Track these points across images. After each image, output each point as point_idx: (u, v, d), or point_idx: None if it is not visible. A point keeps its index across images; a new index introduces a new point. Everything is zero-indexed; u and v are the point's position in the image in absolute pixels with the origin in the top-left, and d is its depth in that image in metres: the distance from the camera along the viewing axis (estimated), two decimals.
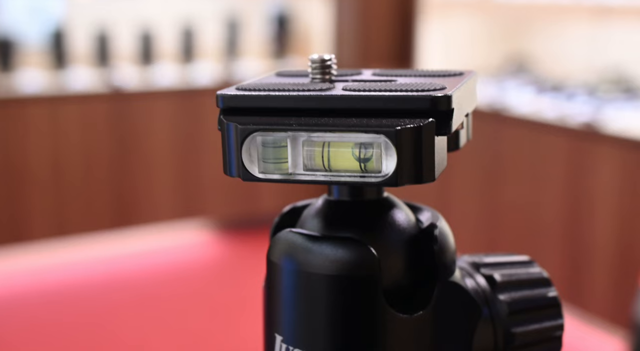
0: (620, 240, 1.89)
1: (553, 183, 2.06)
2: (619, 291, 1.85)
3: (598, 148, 1.95)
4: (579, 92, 2.24)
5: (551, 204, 2.06)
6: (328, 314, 0.30)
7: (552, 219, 2.06)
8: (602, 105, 2.09)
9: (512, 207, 2.16)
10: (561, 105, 2.15)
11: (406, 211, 0.33)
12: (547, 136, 2.08)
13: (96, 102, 2.46)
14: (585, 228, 1.97)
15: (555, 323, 0.34)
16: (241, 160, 0.30)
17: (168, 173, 2.59)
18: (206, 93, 2.63)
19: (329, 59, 0.33)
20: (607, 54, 2.41)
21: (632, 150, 1.88)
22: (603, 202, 1.93)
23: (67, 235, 2.45)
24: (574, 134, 2.02)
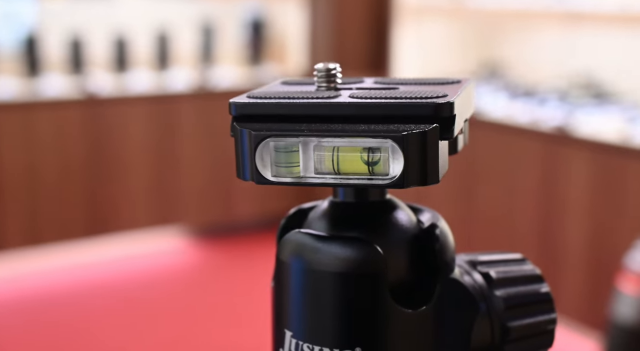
0: (593, 241, 1.93)
1: (526, 186, 2.10)
2: (592, 293, 1.88)
3: (570, 152, 1.99)
4: (550, 97, 2.28)
5: (525, 206, 2.10)
6: (337, 310, 0.32)
7: (525, 221, 2.10)
8: (573, 109, 2.14)
9: (486, 210, 2.19)
10: (533, 109, 2.19)
11: (408, 212, 0.35)
12: (520, 140, 2.12)
13: (70, 108, 2.45)
14: (558, 229, 2.01)
15: (548, 317, 0.36)
16: (255, 164, 0.31)
17: (143, 180, 2.58)
18: (181, 99, 2.63)
19: (334, 68, 0.34)
20: (577, 59, 2.45)
21: (603, 153, 1.92)
22: (575, 204, 1.97)
23: (41, 243, 2.43)
24: (547, 138, 2.06)
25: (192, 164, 2.66)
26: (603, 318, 1.34)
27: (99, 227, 2.52)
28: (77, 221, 2.48)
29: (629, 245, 1.50)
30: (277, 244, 0.35)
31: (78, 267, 2.49)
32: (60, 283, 2.37)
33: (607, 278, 1.80)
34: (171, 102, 2.62)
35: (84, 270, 2.47)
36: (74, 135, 2.46)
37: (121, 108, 2.53)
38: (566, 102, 2.23)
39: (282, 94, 0.32)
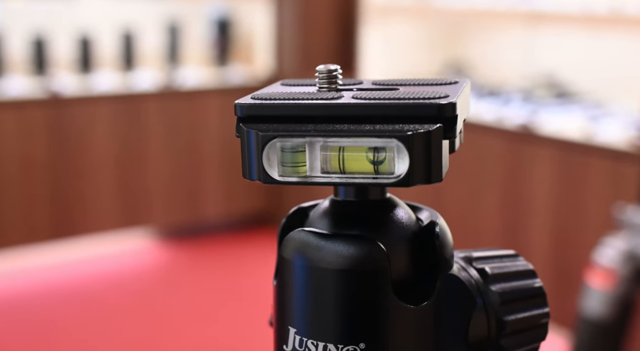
0: (558, 237, 1.97)
1: (491, 184, 2.13)
2: (559, 289, 1.92)
3: (534, 149, 2.03)
4: (515, 97, 2.32)
5: (490, 204, 2.13)
6: (340, 306, 0.33)
7: (491, 218, 2.13)
8: (537, 108, 2.18)
9: (452, 207, 2.22)
10: (498, 109, 2.23)
11: (408, 210, 0.36)
12: (485, 138, 2.15)
13: (34, 108, 2.42)
14: (523, 226, 2.04)
15: (541, 311, 0.37)
16: (262, 164, 0.32)
17: (109, 181, 2.55)
18: (147, 99, 2.61)
19: (335, 69, 0.35)
20: (540, 59, 2.50)
21: (566, 151, 1.96)
22: (540, 200, 2.01)
23: (6, 245, 2.40)
24: (511, 136, 2.10)
25: (158, 165, 2.64)
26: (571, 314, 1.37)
27: (65, 228, 2.49)
28: (42, 223, 2.44)
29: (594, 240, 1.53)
30: (279, 243, 0.36)
31: (43, 270, 2.46)
32: (26, 286, 2.33)
33: (573, 274, 1.83)
34: (137, 101, 2.60)
35: (50, 273, 2.44)
36: (38, 136, 2.42)
37: (86, 108, 2.50)
38: (530, 101, 2.27)
39: (286, 95, 0.33)
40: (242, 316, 2.15)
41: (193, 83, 2.72)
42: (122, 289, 2.35)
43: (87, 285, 2.36)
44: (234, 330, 2.07)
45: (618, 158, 1.84)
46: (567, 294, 1.81)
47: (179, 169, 2.68)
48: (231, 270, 2.52)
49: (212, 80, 2.77)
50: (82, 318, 2.12)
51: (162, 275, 2.53)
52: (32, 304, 2.20)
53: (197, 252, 2.68)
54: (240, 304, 2.24)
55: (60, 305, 2.20)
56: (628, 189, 1.76)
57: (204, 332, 2.05)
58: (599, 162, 1.88)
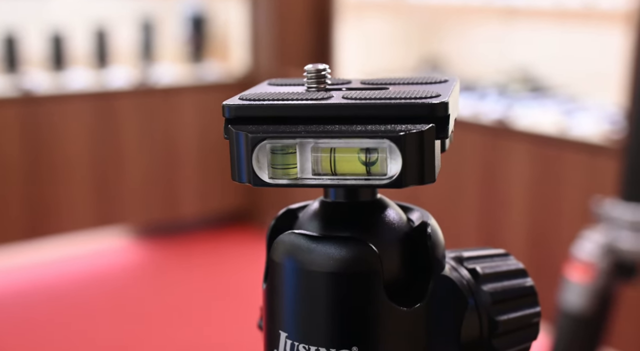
0: (535, 231, 1.98)
1: (468, 178, 2.14)
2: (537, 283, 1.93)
3: (510, 144, 2.04)
4: (490, 91, 2.33)
5: (466, 199, 2.14)
6: (333, 309, 0.32)
7: (467, 213, 2.14)
8: (512, 103, 2.19)
9: (428, 203, 2.23)
10: (474, 103, 2.24)
11: (398, 211, 0.35)
12: (461, 133, 2.16)
13: (6, 107, 2.38)
14: (500, 221, 2.06)
15: (533, 310, 0.37)
16: (251, 166, 0.31)
17: (84, 179, 2.53)
18: (121, 96, 2.58)
19: (324, 68, 0.34)
20: (515, 54, 2.51)
21: (541, 145, 1.98)
22: (517, 194, 2.02)
23: None
24: (487, 131, 2.11)
25: (134, 163, 2.62)
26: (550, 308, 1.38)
27: (39, 228, 2.46)
28: (16, 223, 2.41)
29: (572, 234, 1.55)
30: (268, 245, 0.35)
31: (18, 270, 2.43)
32: (0, 286, 2.30)
33: (551, 268, 1.85)
34: (111, 99, 2.57)
35: (25, 273, 2.41)
36: (11, 134, 2.39)
37: (59, 106, 2.47)
38: (505, 95, 2.28)
39: (275, 96, 0.32)
40: (220, 315, 2.14)
41: (168, 80, 2.70)
42: (98, 288, 2.33)
43: (63, 285, 2.34)
44: (212, 329, 2.06)
45: (593, 152, 1.86)
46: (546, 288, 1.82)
47: (155, 167, 2.66)
48: (208, 268, 2.51)
49: (187, 77, 2.75)
50: (58, 318, 2.10)
51: (139, 273, 2.51)
52: (6, 305, 2.17)
53: (174, 250, 2.66)
54: (218, 302, 2.23)
55: (36, 305, 2.18)
56: (604, 182, 1.78)
57: (182, 331, 2.04)
58: (574, 156, 1.90)
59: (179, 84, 2.71)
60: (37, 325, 2.05)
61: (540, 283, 1.72)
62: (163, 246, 2.69)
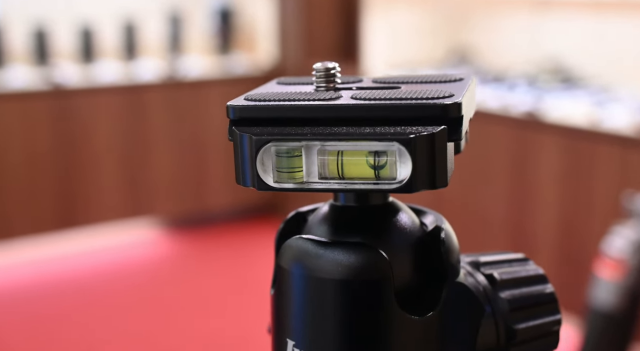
0: (565, 225, 1.95)
1: (497, 172, 2.11)
2: (564, 278, 1.90)
3: (540, 137, 2.01)
4: (520, 82, 2.29)
5: (496, 192, 2.11)
6: (342, 318, 0.31)
7: (497, 207, 2.11)
8: (543, 94, 2.15)
9: (457, 196, 2.20)
10: (503, 95, 2.20)
11: (411, 215, 0.34)
12: (490, 126, 2.13)
13: (37, 99, 2.40)
14: (530, 214, 2.03)
15: (553, 318, 0.35)
16: (256, 170, 0.30)
17: (114, 172, 2.54)
18: (150, 89, 2.59)
19: (333, 67, 0.33)
20: (545, 44, 2.47)
21: (572, 137, 1.94)
22: (547, 188, 1.99)
23: (11, 237, 2.39)
24: (517, 123, 2.07)
25: (163, 155, 2.63)
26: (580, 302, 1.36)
27: (70, 219, 2.48)
28: (47, 214, 2.44)
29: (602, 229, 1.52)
30: (276, 249, 0.34)
31: (49, 261, 2.46)
32: (31, 276, 2.33)
33: (581, 262, 1.82)
34: (140, 92, 2.58)
35: (55, 264, 2.44)
36: (42, 127, 2.41)
37: (89, 99, 2.49)
38: (535, 87, 2.24)
39: (281, 96, 0.31)
40: (248, 307, 2.14)
41: (196, 73, 2.70)
42: (127, 279, 2.34)
43: (92, 276, 2.36)
44: (240, 320, 2.06)
45: (626, 144, 1.82)
46: (577, 284, 1.80)
47: (183, 159, 2.66)
48: (237, 260, 2.51)
49: (215, 70, 2.75)
50: (87, 309, 2.12)
51: (168, 265, 2.52)
52: (37, 295, 2.20)
53: (202, 242, 2.67)
54: (247, 294, 2.23)
55: (65, 296, 2.20)
56: (637, 177, 1.74)
57: (211, 322, 2.04)
58: (606, 149, 1.86)
59: (207, 76, 2.71)
60: (66, 316, 2.07)
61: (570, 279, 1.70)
62: (191, 237, 2.70)
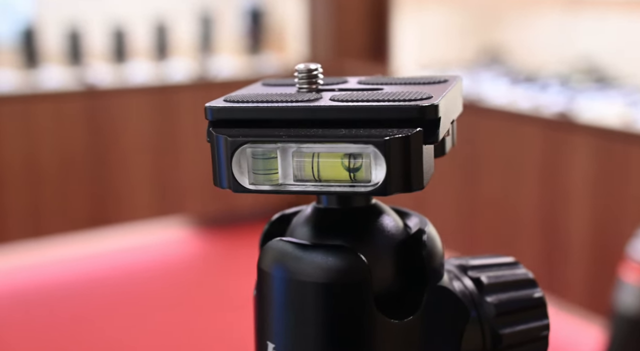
0: (597, 227, 1.92)
1: (528, 173, 2.08)
2: (596, 280, 1.87)
3: (572, 138, 1.98)
4: (552, 83, 2.26)
5: (527, 194, 2.09)
6: (320, 321, 0.31)
7: (528, 209, 2.08)
8: (575, 95, 2.12)
9: (489, 198, 2.18)
10: (535, 95, 2.17)
11: (394, 217, 0.34)
12: (522, 126, 2.10)
13: (70, 100, 2.44)
14: (561, 216, 2.00)
15: (541, 323, 0.35)
16: (231, 171, 0.30)
17: (145, 171, 2.57)
18: (181, 89, 2.62)
19: (315, 68, 0.33)
20: (578, 44, 2.43)
21: (605, 139, 1.90)
22: (578, 190, 1.96)
23: (44, 235, 2.43)
24: (549, 124, 2.04)
25: (193, 154, 2.65)
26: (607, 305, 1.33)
27: (102, 218, 2.52)
28: (79, 213, 2.47)
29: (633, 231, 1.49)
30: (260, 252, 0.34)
31: (80, 259, 2.49)
32: (63, 275, 2.37)
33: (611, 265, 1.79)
34: (171, 92, 2.60)
35: (87, 262, 2.47)
36: (74, 127, 2.45)
37: (121, 99, 2.52)
38: (568, 87, 2.21)
39: (260, 97, 0.31)
40: None
41: (226, 73, 2.72)
42: (156, 278, 2.37)
43: (122, 275, 2.39)
44: None
45: None
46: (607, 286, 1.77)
47: None
48: None
49: (245, 70, 2.77)
50: (116, 307, 2.14)
51: (196, 264, 2.54)
52: (69, 293, 2.23)
53: (231, 241, 2.69)
54: None
55: (95, 294, 2.23)
56: None
57: (239, 322, 2.05)
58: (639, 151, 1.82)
59: (237, 76, 2.72)
60: (96, 314, 2.10)
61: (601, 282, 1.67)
62: (220, 237, 2.72)
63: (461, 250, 2.23)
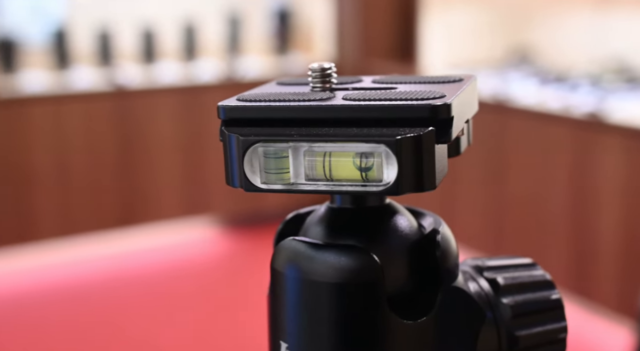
0: (626, 229, 1.89)
1: (558, 174, 2.06)
2: (625, 281, 1.85)
3: (602, 138, 1.95)
4: (582, 83, 2.24)
5: (556, 195, 2.06)
6: (332, 321, 0.31)
7: (557, 210, 2.06)
8: (606, 95, 2.09)
9: (517, 199, 2.16)
10: (565, 95, 2.15)
11: (408, 217, 0.33)
12: (551, 127, 2.08)
13: (99, 100, 2.47)
14: (591, 218, 1.97)
15: (558, 325, 0.34)
16: (243, 171, 0.30)
17: (173, 171, 2.59)
18: (209, 90, 2.63)
19: (329, 67, 0.33)
20: (609, 43, 2.40)
21: (636, 139, 1.87)
22: (608, 191, 1.93)
23: (74, 233, 2.46)
24: (578, 124, 2.02)
25: (221, 154, 2.65)
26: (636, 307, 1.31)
27: (130, 217, 2.54)
28: (108, 212, 2.50)
29: None
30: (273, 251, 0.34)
31: (109, 257, 2.52)
32: (92, 273, 2.39)
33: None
34: (199, 92, 2.62)
35: (115, 261, 2.50)
36: (104, 127, 2.47)
37: (150, 99, 2.54)
38: (598, 87, 2.18)
39: (273, 96, 0.31)
40: None
41: (254, 73, 2.73)
42: (184, 277, 2.38)
43: (150, 273, 2.41)
44: None
45: None
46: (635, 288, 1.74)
47: None
48: None
49: (273, 70, 2.78)
50: (144, 306, 2.16)
51: (224, 263, 2.55)
52: (97, 291, 2.26)
53: (258, 241, 2.69)
54: None
55: (123, 292, 2.25)
56: None
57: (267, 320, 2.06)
58: None
59: (265, 76, 2.73)
60: (124, 312, 2.12)
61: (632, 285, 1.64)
62: (248, 236, 2.73)
63: (488, 250, 2.21)
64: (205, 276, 2.42)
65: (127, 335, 1.99)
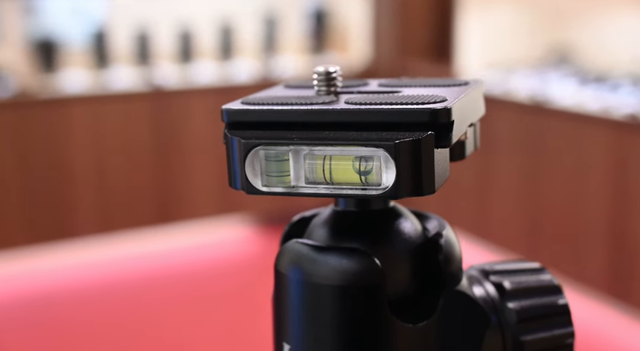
0: None
1: (597, 177, 2.02)
2: None
3: None
4: (623, 83, 2.20)
5: (595, 198, 2.03)
6: (334, 324, 0.31)
7: (596, 213, 2.03)
8: None
9: (554, 201, 2.13)
10: (605, 96, 2.11)
11: (412, 220, 0.33)
12: (590, 128, 2.05)
13: (138, 100, 2.50)
14: (631, 222, 1.93)
15: (565, 331, 0.34)
16: (245, 173, 0.30)
17: (208, 170, 2.62)
18: (245, 90, 2.65)
19: (334, 71, 0.33)
20: None
21: None
22: None
23: (111, 231, 2.50)
24: (619, 126, 1.98)
25: None
26: None
27: (167, 216, 2.57)
28: (145, 210, 2.54)
29: None
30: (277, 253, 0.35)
31: (146, 255, 2.55)
32: (129, 271, 2.43)
33: None
34: (235, 93, 2.64)
35: (152, 258, 2.53)
36: (142, 126, 2.51)
37: (187, 99, 2.57)
38: None
39: (276, 100, 0.31)
40: None
41: (290, 73, 2.74)
42: (218, 276, 2.40)
43: (185, 271, 2.43)
44: None
45: None
46: None
47: None
48: None
49: (309, 70, 2.78)
50: (181, 304, 2.18)
51: (258, 262, 2.57)
52: (133, 289, 2.29)
53: None
54: None
55: (160, 290, 2.28)
56: None
57: None
58: None
59: (301, 77, 2.74)
60: (158, 310, 2.15)
61: None
62: None
63: (524, 254, 2.19)
64: (239, 275, 2.44)
65: (161, 333, 2.02)
